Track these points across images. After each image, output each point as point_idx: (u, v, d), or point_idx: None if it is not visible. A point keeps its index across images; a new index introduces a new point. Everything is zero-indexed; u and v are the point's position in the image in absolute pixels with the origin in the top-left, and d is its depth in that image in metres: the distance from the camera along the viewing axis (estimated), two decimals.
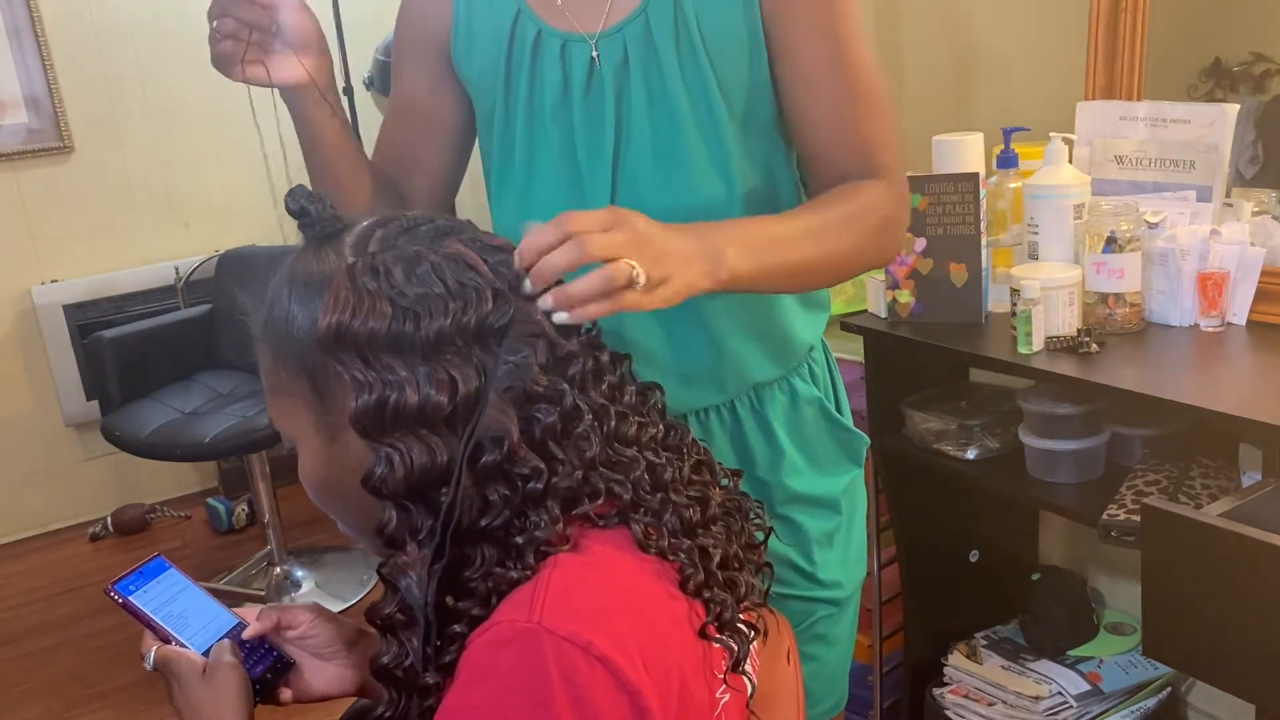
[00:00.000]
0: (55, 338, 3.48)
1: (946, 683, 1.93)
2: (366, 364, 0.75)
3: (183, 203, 3.64)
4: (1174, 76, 1.81)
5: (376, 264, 0.77)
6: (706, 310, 1.08)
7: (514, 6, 1.07)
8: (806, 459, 1.17)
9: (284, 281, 0.81)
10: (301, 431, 0.82)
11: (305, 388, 0.79)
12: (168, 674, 0.94)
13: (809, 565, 1.16)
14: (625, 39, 1.03)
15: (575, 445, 0.78)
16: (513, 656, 0.71)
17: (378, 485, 0.75)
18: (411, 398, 0.74)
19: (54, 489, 3.59)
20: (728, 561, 0.84)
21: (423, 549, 0.77)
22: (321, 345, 0.76)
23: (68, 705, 2.64)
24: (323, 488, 0.83)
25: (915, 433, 1.80)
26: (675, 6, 1.02)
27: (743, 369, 1.12)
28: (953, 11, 2.26)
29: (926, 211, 1.66)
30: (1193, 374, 1.48)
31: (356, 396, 0.75)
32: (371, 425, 0.75)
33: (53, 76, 3.40)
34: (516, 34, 1.07)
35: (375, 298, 0.76)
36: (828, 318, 1.23)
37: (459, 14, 1.11)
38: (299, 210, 0.81)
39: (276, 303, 0.81)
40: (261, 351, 0.83)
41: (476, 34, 1.10)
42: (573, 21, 1.05)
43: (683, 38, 1.02)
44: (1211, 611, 1.20)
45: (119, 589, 0.98)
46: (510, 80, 1.08)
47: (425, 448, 0.75)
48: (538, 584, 0.74)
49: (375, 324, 0.75)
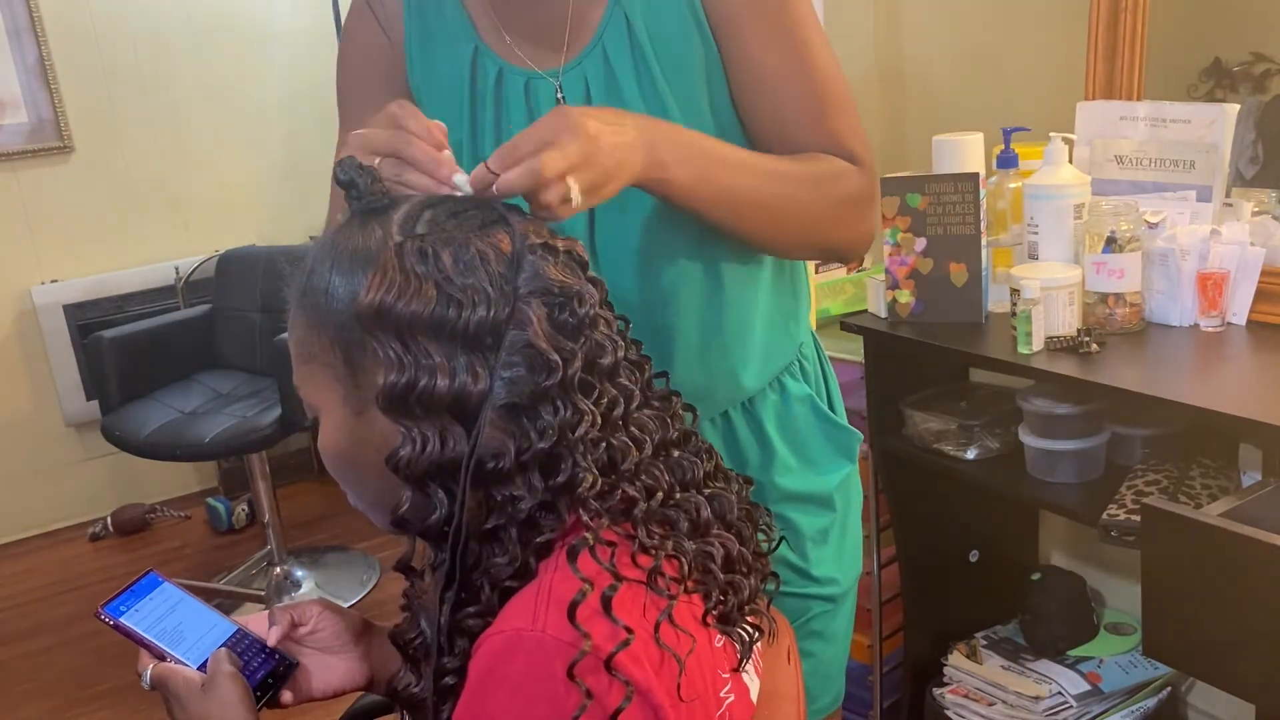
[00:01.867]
0: (55, 338, 3.48)
1: (946, 683, 1.93)
2: (404, 344, 0.75)
3: (183, 203, 3.64)
4: (1174, 76, 1.81)
5: (425, 247, 0.76)
6: (693, 333, 1.08)
7: (470, 45, 1.06)
8: (798, 457, 1.17)
9: (327, 252, 0.80)
10: (327, 402, 0.82)
11: (338, 359, 0.79)
12: (166, 693, 0.93)
13: (803, 562, 1.16)
14: (585, 72, 1.03)
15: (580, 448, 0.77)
16: (520, 666, 0.71)
17: (401, 465, 0.75)
18: (443, 383, 0.74)
19: (54, 489, 3.59)
20: (733, 563, 0.84)
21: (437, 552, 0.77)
22: (361, 320, 0.76)
23: (68, 705, 2.64)
24: (342, 459, 0.83)
25: (915, 433, 1.80)
26: (629, 32, 1.01)
27: (733, 385, 1.12)
28: (953, 11, 2.26)
29: (926, 211, 1.66)
30: (1193, 374, 1.48)
31: (387, 375, 0.75)
32: (398, 405, 0.75)
33: (53, 76, 3.40)
34: (478, 73, 1.06)
35: (422, 280, 0.75)
36: (808, 307, 1.22)
37: (412, 49, 1.09)
38: (348, 181, 0.81)
39: (317, 271, 0.80)
40: (295, 318, 0.82)
41: (434, 69, 1.09)
42: (530, 62, 1.04)
43: (640, 63, 1.01)
44: (1211, 611, 1.20)
45: (109, 611, 0.96)
46: (476, 118, 1.07)
47: (450, 435, 0.75)
48: (540, 588, 0.74)
49: (419, 306, 0.75)
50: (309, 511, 3.41)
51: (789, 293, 1.17)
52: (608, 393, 0.80)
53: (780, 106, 1.03)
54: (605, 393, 0.80)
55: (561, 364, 0.76)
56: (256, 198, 3.68)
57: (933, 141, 1.78)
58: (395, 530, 0.79)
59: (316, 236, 0.86)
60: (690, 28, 1.01)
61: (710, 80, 1.03)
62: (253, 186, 3.69)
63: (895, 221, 1.69)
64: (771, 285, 1.13)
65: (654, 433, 0.83)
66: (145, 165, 3.58)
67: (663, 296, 1.06)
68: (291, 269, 0.84)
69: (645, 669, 0.72)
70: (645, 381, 0.86)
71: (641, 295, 1.06)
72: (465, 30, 1.07)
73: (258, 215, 3.67)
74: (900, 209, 1.69)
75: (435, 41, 1.08)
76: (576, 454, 0.76)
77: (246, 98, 3.64)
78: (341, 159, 0.81)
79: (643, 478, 0.80)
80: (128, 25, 3.49)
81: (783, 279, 1.15)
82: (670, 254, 1.05)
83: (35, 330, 3.49)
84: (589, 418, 0.77)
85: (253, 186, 3.69)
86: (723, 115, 1.05)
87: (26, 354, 3.51)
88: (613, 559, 0.74)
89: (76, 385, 3.52)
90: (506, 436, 0.76)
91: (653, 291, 1.06)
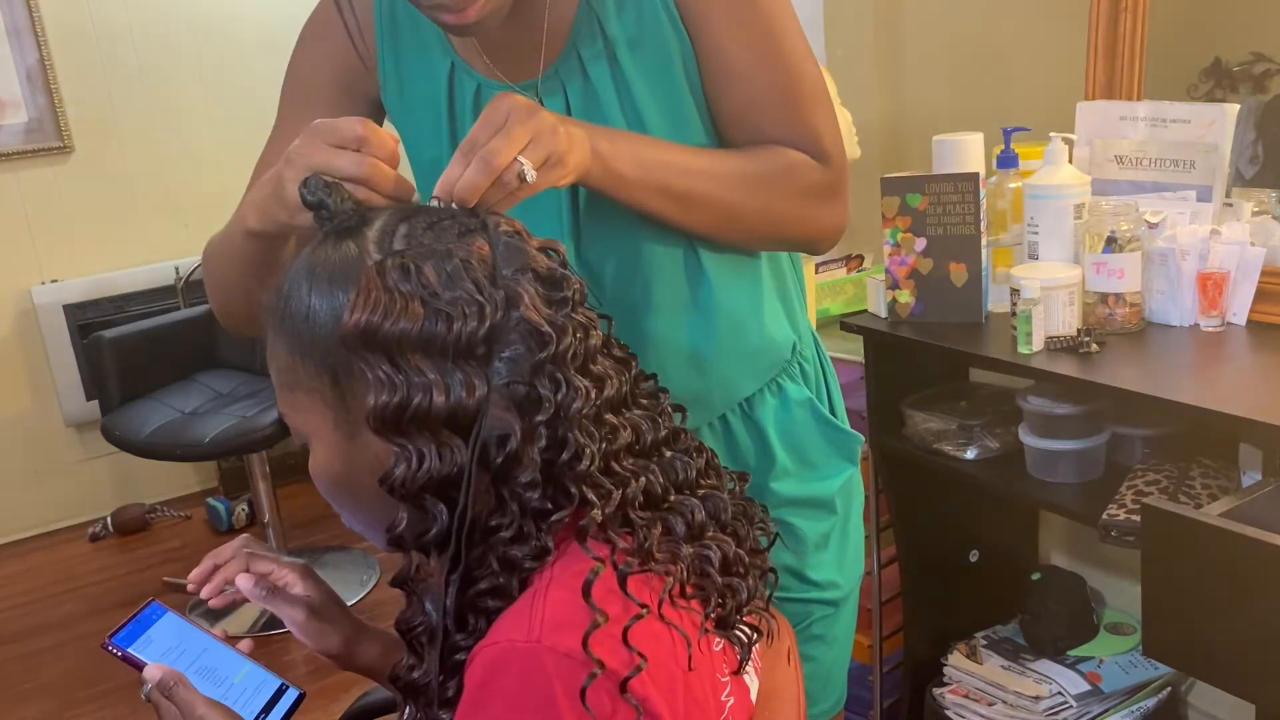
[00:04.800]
0: (55, 338, 3.48)
1: (946, 683, 1.93)
2: (394, 364, 0.74)
3: (183, 203, 3.64)
4: (1174, 76, 1.81)
5: (407, 263, 0.75)
6: (687, 335, 1.07)
7: (447, 60, 1.06)
8: (798, 461, 1.16)
9: (303, 275, 0.78)
10: (317, 428, 0.80)
11: (325, 385, 0.78)
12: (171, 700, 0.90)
13: (803, 567, 1.15)
14: (562, 80, 1.03)
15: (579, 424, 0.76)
16: (515, 678, 0.70)
17: (397, 484, 0.74)
18: (438, 399, 0.73)
19: (54, 489, 3.59)
20: (730, 566, 0.83)
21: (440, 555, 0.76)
22: (347, 343, 0.74)
23: (68, 705, 2.64)
24: (335, 484, 0.82)
25: (915, 433, 1.80)
26: (601, 33, 1.01)
27: (729, 388, 1.11)
28: (953, 11, 2.26)
29: (926, 211, 1.66)
30: (1193, 374, 1.48)
31: (377, 396, 0.73)
32: (391, 425, 0.74)
33: (53, 76, 3.40)
34: (456, 89, 1.06)
35: (407, 298, 0.74)
36: (804, 306, 1.21)
37: (385, 63, 1.08)
38: (317, 202, 0.79)
39: (294, 296, 0.78)
40: (275, 346, 0.81)
41: (407, 85, 1.08)
42: (507, 75, 1.04)
43: (614, 64, 1.01)
44: (1211, 611, 1.20)
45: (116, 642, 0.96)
46: (456, 135, 1.06)
47: (447, 450, 0.74)
48: (535, 598, 0.73)
49: (406, 324, 0.73)
50: (309, 511, 3.40)
51: (782, 292, 1.16)
52: (599, 376, 0.79)
53: (747, 97, 1.03)
54: (596, 376, 0.79)
55: (555, 335, 0.75)
56: None
57: (933, 141, 1.78)
58: (393, 548, 0.78)
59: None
60: (663, 21, 1.01)
61: (687, 72, 1.03)
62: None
63: (895, 221, 1.69)
64: (764, 285, 1.12)
65: (645, 432, 0.82)
66: (145, 165, 3.58)
67: (652, 301, 1.06)
68: (264, 293, 0.82)
69: (642, 678, 0.71)
70: (632, 378, 0.85)
71: (630, 300, 1.05)
72: (441, 45, 1.06)
73: None
74: (900, 209, 1.68)
75: (409, 56, 1.08)
76: (575, 431, 0.76)
77: (246, 98, 3.64)
78: (307, 179, 0.79)
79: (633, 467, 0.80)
80: (128, 25, 3.49)
81: (776, 277, 1.15)
82: (658, 258, 1.05)
83: (35, 330, 3.49)
84: (584, 393, 0.76)
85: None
86: (702, 107, 1.04)
87: (26, 354, 3.51)
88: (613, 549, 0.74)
89: (76, 385, 3.52)
90: (511, 417, 0.75)
91: (641, 296, 1.06)
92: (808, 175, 1.03)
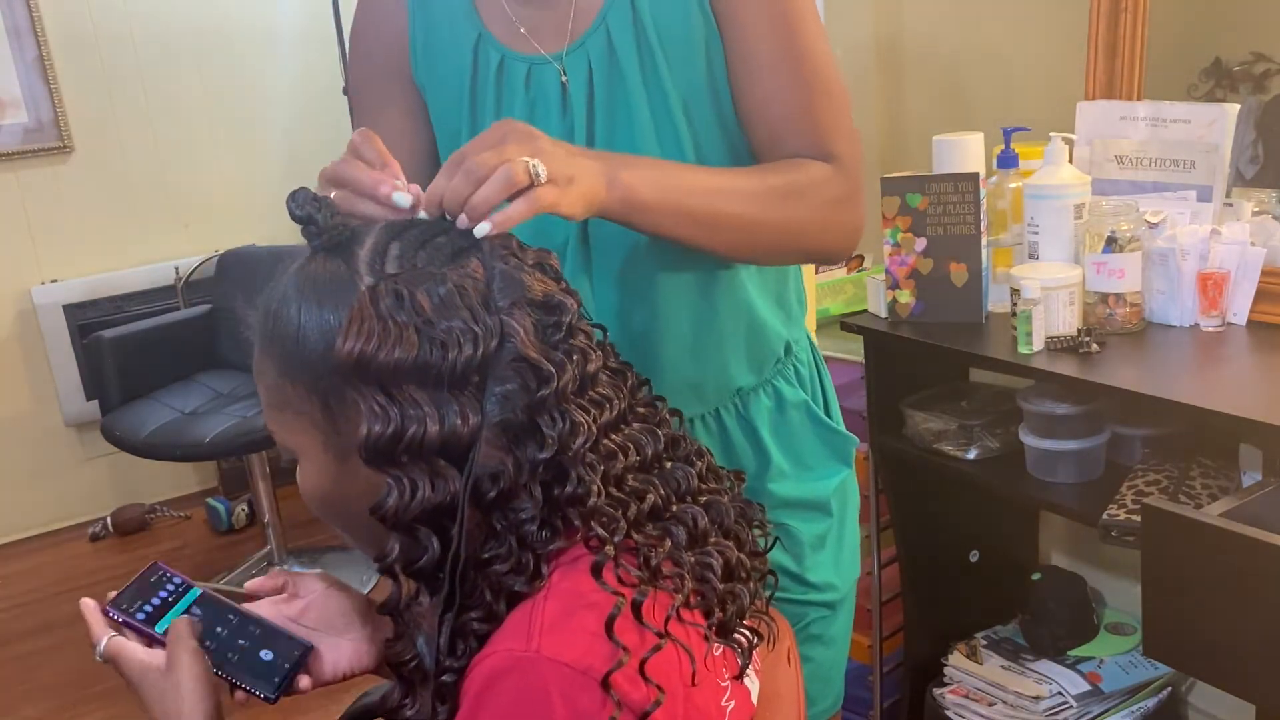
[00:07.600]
0: (55, 338, 3.48)
1: (946, 683, 1.93)
2: (388, 395, 0.72)
3: (183, 203, 3.64)
4: (1174, 76, 1.80)
5: (400, 289, 0.73)
6: (677, 319, 1.07)
7: (474, 31, 1.06)
8: (794, 463, 1.16)
9: (291, 293, 0.76)
10: (306, 448, 0.79)
11: (315, 408, 0.76)
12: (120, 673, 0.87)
13: (800, 569, 1.15)
14: (589, 53, 1.03)
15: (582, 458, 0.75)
16: (513, 688, 0.70)
17: (390, 515, 0.72)
18: (433, 429, 0.72)
19: (54, 489, 3.59)
20: (731, 572, 0.83)
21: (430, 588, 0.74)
22: (340, 372, 0.73)
23: (68, 705, 2.64)
24: (325, 503, 0.81)
25: (915, 433, 1.80)
26: (633, 11, 1.02)
27: (721, 376, 1.11)
28: (953, 11, 2.26)
29: (926, 211, 1.66)
30: (1193, 374, 1.48)
31: (370, 426, 0.72)
32: (384, 455, 0.72)
33: (53, 76, 3.40)
34: (480, 61, 1.06)
35: (402, 327, 0.72)
36: (804, 314, 1.21)
37: (415, 36, 1.09)
38: (305, 217, 0.77)
39: (282, 315, 0.76)
40: (263, 364, 0.79)
41: (437, 57, 1.09)
42: (535, 44, 1.04)
43: (643, 42, 1.02)
44: (1211, 611, 1.20)
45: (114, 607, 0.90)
46: (476, 107, 1.07)
47: (441, 479, 0.72)
48: (534, 608, 0.73)
49: (401, 354, 0.71)
50: (309, 511, 3.38)
51: (780, 287, 1.16)
52: (598, 401, 0.78)
53: (769, 93, 1.04)
54: (596, 402, 0.78)
55: (555, 373, 0.74)
56: (256, 198, 3.67)
57: (933, 141, 1.78)
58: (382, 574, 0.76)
59: None
60: (694, 9, 1.02)
61: (711, 62, 1.04)
62: (253, 186, 3.68)
63: (895, 221, 1.69)
64: (759, 273, 1.13)
65: (645, 446, 0.81)
66: (145, 165, 3.58)
67: (654, 288, 1.06)
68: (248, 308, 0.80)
69: (641, 687, 0.71)
70: (630, 388, 0.84)
71: (632, 287, 1.06)
72: (468, 16, 1.07)
73: (258, 215, 3.67)
74: (900, 209, 1.68)
75: (440, 27, 1.09)
76: (579, 466, 0.74)
77: (246, 98, 3.64)
78: (294, 192, 0.77)
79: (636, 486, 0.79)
80: (128, 25, 3.49)
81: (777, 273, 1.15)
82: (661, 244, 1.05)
83: (35, 330, 3.49)
84: (585, 428, 0.75)
85: (253, 186, 3.68)
86: (723, 97, 1.05)
87: (26, 354, 3.51)
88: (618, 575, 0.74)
89: (76, 385, 3.52)
90: (504, 453, 0.74)
91: (643, 283, 1.06)
92: (829, 187, 1.03)
